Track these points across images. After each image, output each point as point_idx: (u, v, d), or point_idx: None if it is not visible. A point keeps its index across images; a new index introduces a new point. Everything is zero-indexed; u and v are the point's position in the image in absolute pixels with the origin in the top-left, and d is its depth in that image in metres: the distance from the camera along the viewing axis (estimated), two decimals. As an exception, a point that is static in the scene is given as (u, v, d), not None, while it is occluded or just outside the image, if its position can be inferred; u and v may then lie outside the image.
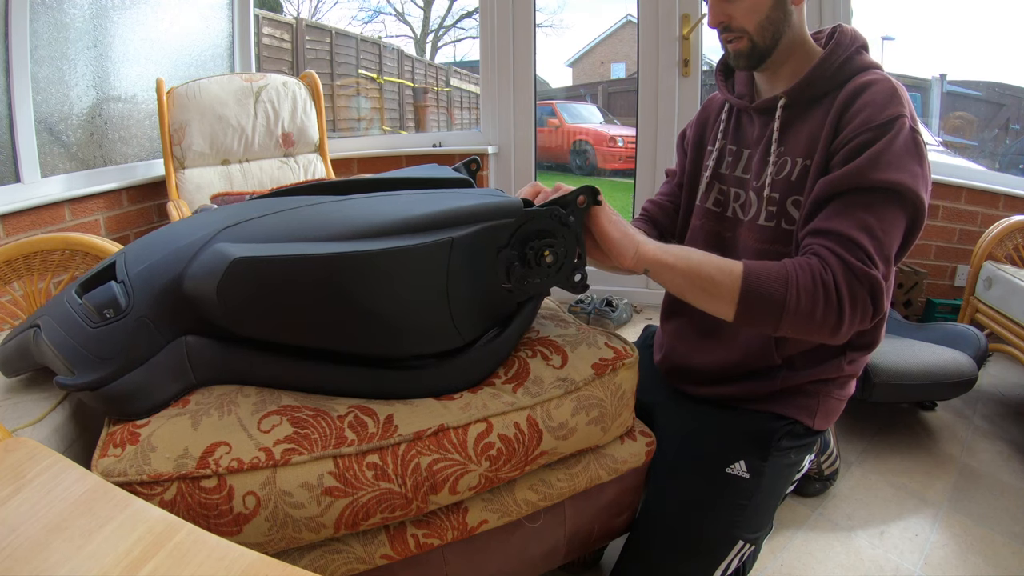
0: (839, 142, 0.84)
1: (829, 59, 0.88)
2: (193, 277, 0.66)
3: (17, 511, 0.44)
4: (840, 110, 0.85)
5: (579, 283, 0.76)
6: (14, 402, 0.78)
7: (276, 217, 0.72)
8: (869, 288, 0.76)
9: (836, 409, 0.99)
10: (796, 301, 0.76)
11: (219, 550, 0.41)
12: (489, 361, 0.77)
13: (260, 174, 2.13)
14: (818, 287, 0.75)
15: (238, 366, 0.71)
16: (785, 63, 0.93)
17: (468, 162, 0.97)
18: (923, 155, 0.81)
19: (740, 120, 1.01)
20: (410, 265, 0.66)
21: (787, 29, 0.89)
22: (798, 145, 0.90)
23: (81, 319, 0.67)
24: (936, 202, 2.18)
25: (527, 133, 2.50)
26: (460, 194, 0.76)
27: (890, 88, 0.83)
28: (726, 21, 0.90)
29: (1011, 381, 1.81)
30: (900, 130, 0.80)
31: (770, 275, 0.77)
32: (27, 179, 1.76)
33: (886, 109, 0.81)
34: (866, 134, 0.81)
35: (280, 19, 3.81)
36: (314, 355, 0.71)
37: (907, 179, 0.78)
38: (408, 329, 0.69)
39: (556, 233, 0.73)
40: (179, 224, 0.79)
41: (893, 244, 0.80)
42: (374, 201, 0.75)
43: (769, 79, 0.96)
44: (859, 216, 0.78)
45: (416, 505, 0.69)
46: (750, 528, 0.91)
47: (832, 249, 0.77)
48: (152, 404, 0.68)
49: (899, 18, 4.07)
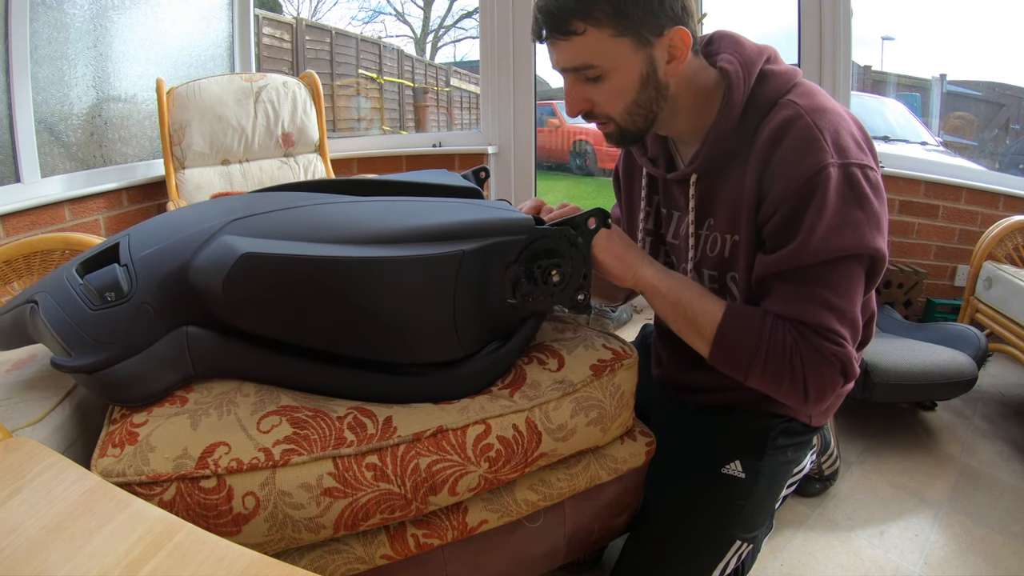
0: (764, 214, 0.77)
1: (728, 113, 0.78)
2: (199, 268, 0.65)
3: (17, 511, 0.44)
4: (757, 174, 0.77)
5: (582, 303, 0.77)
6: (14, 402, 0.78)
7: (287, 214, 0.71)
8: (840, 366, 0.75)
9: (833, 404, 0.99)
10: (763, 367, 0.76)
11: (219, 550, 0.41)
12: (488, 374, 0.77)
13: (260, 174, 2.13)
14: (785, 367, 0.75)
15: (237, 361, 0.71)
16: (677, 121, 0.83)
17: (477, 171, 0.98)
18: (860, 193, 0.73)
19: (665, 182, 0.94)
20: (420, 274, 0.66)
21: (663, 104, 0.79)
22: (723, 219, 0.84)
23: (81, 300, 0.66)
24: (936, 202, 2.18)
25: (527, 133, 2.50)
26: (472, 206, 0.77)
27: (804, 130, 0.73)
28: (587, 107, 0.80)
29: (1011, 381, 1.81)
30: (827, 184, 0.72)
31: (745, 333, 0.77)
32: (27, 179, 1.76)
33: (804, 163, 0.72)
34: (790, 201, 0.74)
35: (280, 19, 3.81)
36: (313, 355, 0.71)
37: (850, 238, 0.73)
38: (411, 337, 0.69)
39: (565, 253, 0.74)
40: (187, 210, 0.78)
41: (855, 303, 0.76)
42: (387, 206, 0.75)
43: (672, 135, 0.89)
44: (815, 294, 0.74)
45: (416, 506, 0.69)
46: (747, 528, 0.91)
47: (802, 333, 0.75)
48: (148, 392, 0.67)
49: (899, 18, 4.07)
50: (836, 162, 0.73)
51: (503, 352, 0.77)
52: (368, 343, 0.70)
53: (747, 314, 0.79)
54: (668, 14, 0.73)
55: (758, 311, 0.79)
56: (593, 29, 0.73)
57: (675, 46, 0.75)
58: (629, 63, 0.75)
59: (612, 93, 0.77)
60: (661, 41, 0.75)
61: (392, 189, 0.85)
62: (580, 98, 0.79)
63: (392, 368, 0.72)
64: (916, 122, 3.70)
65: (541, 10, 0.75)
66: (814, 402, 0.77)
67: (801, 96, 0.77)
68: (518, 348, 0.79)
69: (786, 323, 0.76)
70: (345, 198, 0.78)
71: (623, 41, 0.74)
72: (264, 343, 0.70)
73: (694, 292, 0.81)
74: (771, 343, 0.76)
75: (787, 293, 0.77)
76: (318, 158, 2.27)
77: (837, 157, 0.73)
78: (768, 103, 0.78)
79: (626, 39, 0.74)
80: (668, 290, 0.81)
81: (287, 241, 0.66)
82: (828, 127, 0.74)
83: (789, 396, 0.78)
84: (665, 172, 0.90)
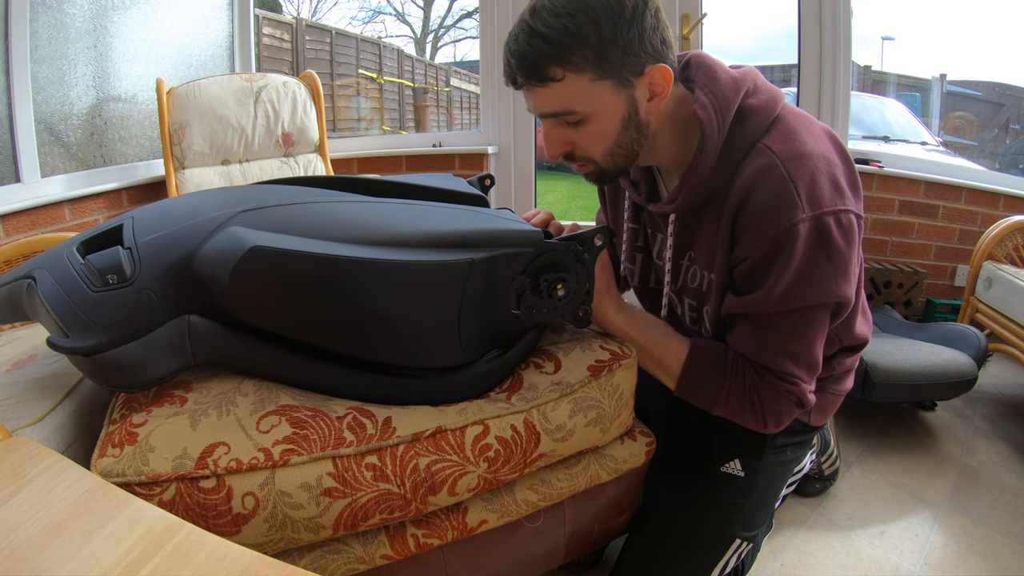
0: (735, 259, 0.79)
1: (703, 160, 0.77)
2: (206, 258, 0.64)
3: (17, 511, 0.44)
4: (731, 220, 0.77)
5: (583, 317, 0.79)
6: (14, 402, 0.78)
7: (297, 209, 0.71)
8: (796, 400, 0.81)
9: (832, 404, 0.99)
10: (725, 402, 0.83)
11: (219, 550, 0.41)
12: (487, 380, 0.77)
13: (260, 174, 2.13)
14: (745, 402, 0.81)
15: (238, 353, 0.70)
16: (658, 153, 0.83)
17: (482, 177, 0.98)
18: (830, 244, 0.73)
19: None
20: (429, 280, 0.66)
21: (644, 143, 0.78)
22: (701, 256, 0.85)
23: (82, 280, 0.64)
24: (936, 202, 2.18)
25: (527, 133, 2.50)
26: (482, 215, 0.77)
27: (777, 183, 0.72)
28: (568, 150, 0.78)
29: (1011, 381, 1.81)
30: (795, 239, 0.72)
31: (708, 373, 0.83)
32: (27, 179, 1.76)
33: (775, 216, 0.72)
34: (759, 253, 0.75)
35: (280, 19, 3.81)
36: (314, 352, 0.71)
37: (813, 291, 0.74)
38: (415, 341, 0.70)
39: (570, 268, 0.75)
40: (193, 197, 0.76)
41: (815, 345, 0.80)
42: (399, 208, 0.75)
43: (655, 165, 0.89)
44: (772, 339, 0.79)
45: (415, 506, 0.69)
46: (747, 526, 0.91)
47: (761, 375, 0.80)
48: (145, 379, 0.66)
49: (899, 18, 4.07)
50: (807, 215, 0.72)
51: (503, 360, 0.77)
52: (371, 344, 0.70)
53: (710, 354, 0.83)
54: (648, 51, 0.71)
55: (720, 349, 0.83)
56: (572, 75, 0.70)
57: (656, 83, 0.74)
58: (610, 105, 0.73)
59: (593, 136, 0.75)
60: (642, 80, 0.73)
61: (400, 191, 0.85)
62: (560, 141, 0.77)
63: (391, 370, 0.72)
64: (916, 122, 3.71)
65: (515, 55, 0.71)
66: (772, 428, 0.84)
67: (778, 140, 0.75)
68: (518, 357, 0.79)
69: (746, 362, 0.81)
70: (355, 197, 0.78)
71: (603, 84, 0.71)
72: (266, 337, 0.70)
73: (659, 332, 0.86)
74: (732, 382, 0.81)
75: (749, 335, 0.81)
76: (318, 158, 2.27)
77: (809, 210, 0.72)
78: (745, 147, 0.76)
79: (606, 82, 0.71)
80: (636, 333, 0.86)
81: (297, 237, 0.65)
82: (803, 177, 0.72)
83: (751, 424, 0.84)
84: (647, 200, 0.90)
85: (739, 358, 0.82)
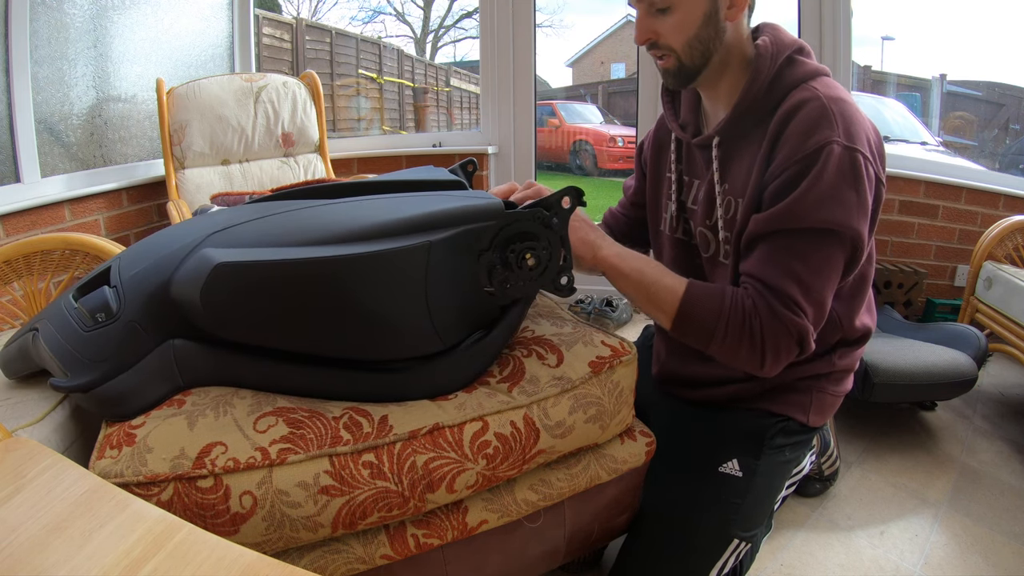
0: (768, 176, 0.82)
1: (754, 84, 0.84)
2: (179, 282, 0.67)
3: (17, 511, 0.44)
4: (771, 142, 0.82)
5: (565, 286, 0.75)
6: (14, 402, 0.78)
7: (262, 222, 0.73)
8: (797, 336, 0.79)
9: (832, 404, 0.99)
10: (724, 335, 0.81)
11: (219, 550, 0.41)
12: (474, 363, 0.76)
13: (260, 174, 2.13)
14: (744, 331, 0.80)
15: (224, 369, 0.72)
16: (722, 79, 0.89)
17: (464, 163, 0.97)
18: (859, 177, 0.77)
19: (689, 148, 0.99)
20: (387, 269, 0.66)
21: (719, 47, 0.85)
22: (737, 183, 0.88)
23: (76, 323, 0.69)
24: (936, 202, 2.18)
25: (527, 133, 2.50)
26: (444, 197, 0.76)
27: (818, 109, 0.79)
28: (653, 38, 0.85)
29: (1011, 381, 1.81)
30: (828, 157, 0.76)
31: (707, 305, 0.82)
32: (27, 179, 1.76)
33: (812, 136, 0.77)
34: (792, 168, 0.78)
35: (280, 19, 3.82)
36: (298, 358, 0.71)
37: (837, 215, 0.77)
38: (389, 333, 0.69)
39: (539, 235, 0.72)
40: (174, 228, 0.80)
41: (826, 284, 0.80)
42: (356, 205, 0.75)
43: (710, 97, 0.93)
44: (787, 263, 0.79)
45: (414, 504, 0.69)
46: (745, 526, 0.91)
47: (762, 295, 0.80)
48: (142, 405, 0.69)
49: (899, 18, 4.07)
50: (842, 142, 0.77)
51: (487, 341, 0.76)
52: (348, 342, 0.70)
53: (708, 288, 0.84)
54: None
55: (719, 286, 0.84)
56: None
57: None
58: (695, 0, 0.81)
59: (677, 25, 0.83)
60: None
61: (376, 189, 0.85)
62: (647, 29, 0.85)
63: (375, 365, 0.72)
64: (916, 122, 3.71)
65: None
66: (770, 367, 0.82)
67: (823, 85, 0.82)
68: (503, 336, 0.78)
69: (749, 288, 0.81)
70: (317, 202, 0.79)
71: None
72: (247, 350, 0.71)
73: (656, 271, 0.86)
74: (732, 310, 0.80)
75: (763, 257, 0.81)
76: (318, 158, 2.27)
77: (844, 139, 0.77)
78: (791, 85, 0.84)
79: None
80: (630, 270, 0.85)
81: (259, 248, 0.67)
82: (844, 114, 0.79)
83: (747, 362, 0.82)
84: (691, 137, 0.95)
85: (744, 287, 0.82)
